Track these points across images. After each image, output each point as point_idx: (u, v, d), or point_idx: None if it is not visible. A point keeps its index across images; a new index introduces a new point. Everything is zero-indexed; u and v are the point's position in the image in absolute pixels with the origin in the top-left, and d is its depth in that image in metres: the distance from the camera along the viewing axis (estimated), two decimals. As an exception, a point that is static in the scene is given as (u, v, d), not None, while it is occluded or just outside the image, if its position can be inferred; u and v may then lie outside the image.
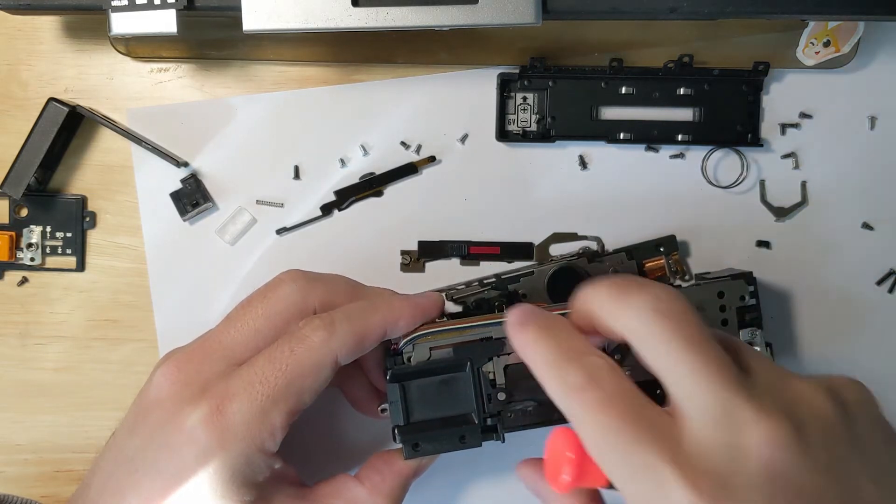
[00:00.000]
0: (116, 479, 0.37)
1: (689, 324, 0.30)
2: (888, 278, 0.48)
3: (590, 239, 0.48)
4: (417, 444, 0.38)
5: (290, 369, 0.36)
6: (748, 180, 0.48)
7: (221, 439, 0.35)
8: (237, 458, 0.35)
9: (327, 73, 0.47)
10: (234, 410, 0.35)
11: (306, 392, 0.36)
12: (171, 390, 0.37)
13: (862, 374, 0.48)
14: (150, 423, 0.37)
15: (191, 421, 0.35)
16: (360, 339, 0.37)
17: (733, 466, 0.28)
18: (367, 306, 0.39)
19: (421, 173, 0.48)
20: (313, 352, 0.36)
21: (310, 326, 0.37)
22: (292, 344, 0.37)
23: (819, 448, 0.29)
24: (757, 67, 0.47)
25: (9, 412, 0.47)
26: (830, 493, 0.28)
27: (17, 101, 0.46)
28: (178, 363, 0.38)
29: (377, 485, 0.39)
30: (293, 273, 0.40)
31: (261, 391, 0.36)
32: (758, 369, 0.31)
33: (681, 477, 0.28)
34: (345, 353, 0.37)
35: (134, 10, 0.40)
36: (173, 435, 0.36)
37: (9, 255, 0.46)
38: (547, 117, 0.47)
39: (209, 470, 0.35)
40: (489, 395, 0.39)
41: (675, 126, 0.47)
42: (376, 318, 0.38)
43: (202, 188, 0.47)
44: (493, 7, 0.40)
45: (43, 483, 0.48)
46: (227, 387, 0.36)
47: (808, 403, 0.30)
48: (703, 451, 0.28)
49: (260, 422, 0.35)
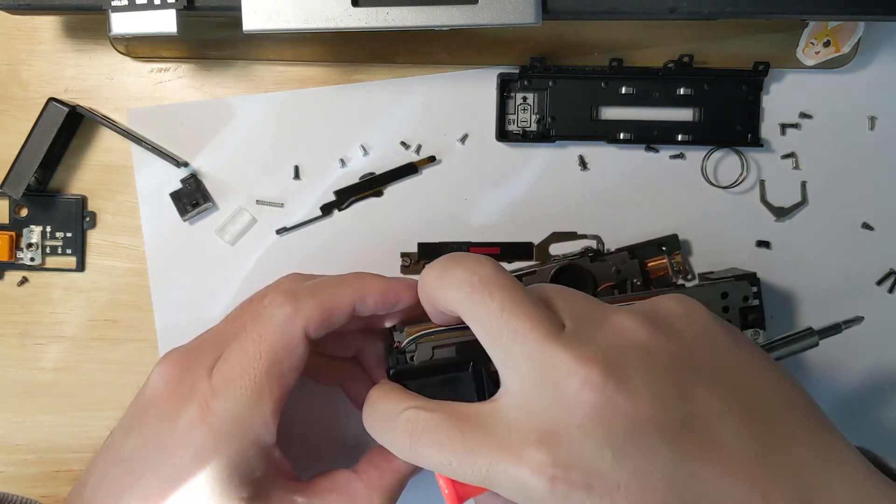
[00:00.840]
0: (114, 479, 0.37)
1: (502, 292, 0.32)
2: (888, 278, 0.48)
3: (589, 238, 0.48)
4: None
5: (265, 356, 0.36)
6: (748, 180, 0.48)
7: (215, 439, 0.35)
8: (233, 457, 0.35)
9: (327, 73, 0.47)
10: (221, 408, 0.35)
11: (286, 374, 0.36)
12: (166, 389, 0.37)
13: (862, 374, 0.49)
14: (147, 423, 0.37)
15: (184, 421, 0.35)
16: (326, 311, 0.37)
17: (562, 419, 0.29)
18: (335, 280, 0.39)
19: (421, 173, 0.48)
20: (281, 331, 0.36)
21: (273, 303, 0.37)
22: (259, 329, 0.36)
23: (639, 378, 0.30)
24: (757, 67, 0.47)
25: (8, 412, 0.47)
26: (661, 416, 0.29)
27: (17, 101, 0.46)
28: (173, 362, 0.38)
29: (374, 480, 0.38)
30: (295, 275, 0.41)
31: (242, 385, 0.35)
32: (575, 315, 0.32)
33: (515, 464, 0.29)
34: (313, 326, 0.37)
35: (134, 10, 0.40)
36: (169, 435, 0.36)
37: (9, 255, 0.46)
38: (547, 117, 0.47)
39: (206, 470, 0.35)
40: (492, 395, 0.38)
41: (675, 126, 0.47)
42: (343, 291, 0.38)
43: (202, 188, 0.47)
44: (493, 7, 0.40)
45: (43, 483, 0.48)
46: (211, 385, 0.36)
47: (625, 336, 0.31)
48: (531, 420, 0.30)
49: (250, 417, 0.35)
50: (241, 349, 0.36)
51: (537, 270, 0.45)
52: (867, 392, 0.49)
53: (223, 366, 0.36)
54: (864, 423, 0.49)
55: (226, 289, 0.47)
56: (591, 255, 0.45)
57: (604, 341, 0.31)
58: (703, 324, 0.33)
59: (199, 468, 0.35)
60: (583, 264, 0.45)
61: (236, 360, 0.36)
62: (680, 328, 0.32)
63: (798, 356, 0.48)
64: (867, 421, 0.49)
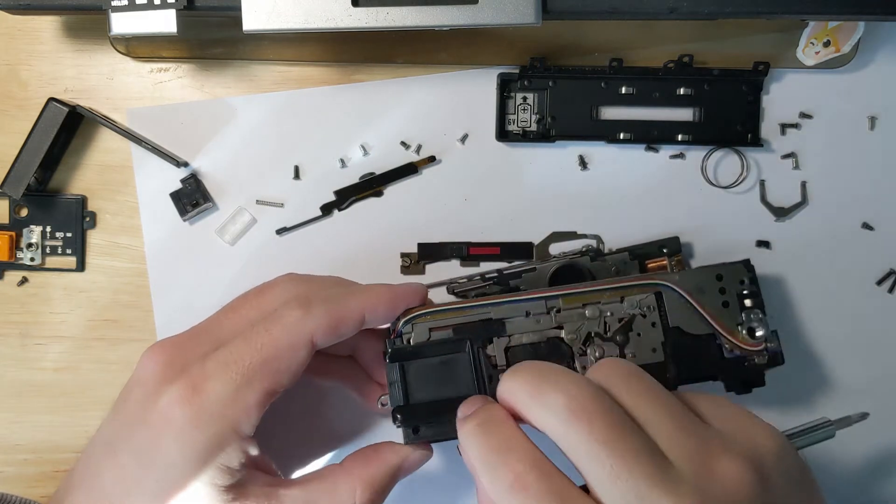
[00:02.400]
0: (96, 460, 0.37)
1: (603, 423, 0.31)
2: (888, 278, 0.48)
3: (589, 238, 0.48)
4: (418, 428, 0.38)
5: (266, 349, 0.36)
6: (748, 180, 0.48)
7: (196, 418, 0.35)
8: (211, 438, 0.35)
9: (327, 73, 0.47)
10: (209, 390, 0.35)
11: (283, 372, 0.36)
12: (153, 370, 0.37)
13: (862, 375, 0.49)
14: (130, 402, 0.37)
15: (166, 399, 0.35)
16: (336, 321, 0.37)
17: None
18: (346, 291, 0.39)
19: (421, 173, 0.48)
20: (289, 331, 0.36)
21: (286, 307, 0.37)
22: (268, 324, 0.37)
23: None
24: (757, 67, 0.47)
25: (8, 412, 0.47)
26: None
27: (17, 101, 0.46)
28: (163, 346, 0.38)
29: (358, 471, 0.38)
30: (290, 274, 0.41)
31: (235, 370, 0.36)
32: (676, 451, 0.31)
33: None
34: (321, 333, 0.37)
35: (134, 10, 0.40)
36: (150, 413, 0.36)
37: (9, 255, 0.46)
38: (547, 117, 0.47)
39: (184, 450, 0.35)
40: (490, 376, 0.38)
41: (675, 126, 0.47)
42: (354, 301, 0.38)
43: (202, 188, 0.47)
44: (493, 7, 0.40)
45: (42, 483, 0.47)
46: (203, 367, 0.36)
47: (730, 488, 0.31)
48: None
49: (234, 400, 0.35)
50: (244, 338, 0.37)
51: (537, 268, 0.45)
52: (867, 392, 0.49)
53: (222, 351, 0.36)
54: (864, 423, 0.49)
55: (226, 289, 0.47)
56: (591, 255, 0.45)
57: (702, 483, 0.30)
58: (794, 472, 0.33)
59: (176, 447, 0.35)
60: (583, 263, 0.45)
61: (236, 347, 0.36)
62: (774, 470, 0.32)
63: (797, 359, 0.48)
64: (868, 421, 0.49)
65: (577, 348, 0.40)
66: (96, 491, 0.36)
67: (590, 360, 0.39)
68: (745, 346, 0.40)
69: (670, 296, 0.40)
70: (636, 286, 0.40)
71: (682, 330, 0.40)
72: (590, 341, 0.40)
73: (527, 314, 0.40)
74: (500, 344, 0.39)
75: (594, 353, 0.39)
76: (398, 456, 0.39)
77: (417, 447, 0.39)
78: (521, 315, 0.40)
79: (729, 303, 0.41)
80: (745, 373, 0.40)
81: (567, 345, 0.40)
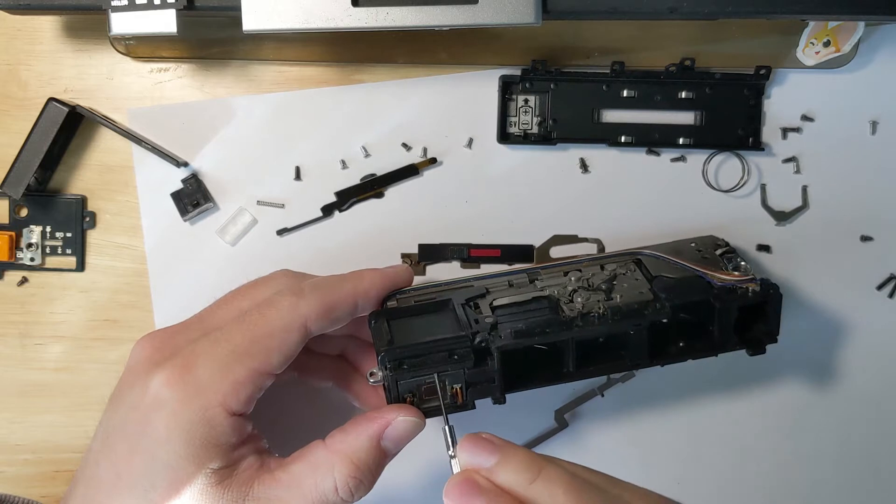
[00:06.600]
0: (94, 453, 0.37)
1: None
2: (888, 283, 0.48)
3: (590, 241, 0.48)
4: (402, 363, 0.37)
5: (257, 328, 0.36)
6: (749, 184, 0.48)
7: (183, 397, 0.35)
8: (197, 412, 0.35)
9: (327, 73, 0.47)
10: (197, 367, 0.36)
11: (273, 352, 0.36)
12: (143, 356, 0.37)
13: (862, 377, 0.48)
14: (123, 390, 0.37)
15: (156, 381, 0.36)
16: (329, 306, 0.38)
17: None
18: (338, 277, 0.40)
19: (422, 175, 0.47)
20: (281, 314, 0.37)
21: (279, 293, 0.38)
22: (262, 308, 0.37)
23: None
24: (759, 72, 0.46)
25: (8, 412, 0.47)
26: None
27: (17, 101, 0.46)
28: (154, 335, 0.39)
29: (337, 446, 0.37)
30: (284, 269, 0.41)
31: (225, 347, 0.36)
32: None
33: None
34: (314, 319, 0.37)
35: (134, 10, 0.40)
36: (140, 396, 0.36)
37: (9, 255, 0.46)
38: (548, 120, 0.47)
39: (170, 427, 0.35)
40: (476, 319, 0.38)
41: (676, 129, 0.47)
42: (346, 287, 0.39)
43: (203, 188, 0.47)
44: (493, 7, 0.40)
45: (42, 483, 0.48)
46: (194, 349, 0.36)
47: None
48: None
49: (221, 376, 0.35)
50: (236, 321, 0.37)
51: None
52: (868, 394, 0.49)
53: (213, 332, 0.37)
54: (864, 423, 0.49)
55: (226, 290, 0.47)
56: None
57: None
58: None
59: (165, 428, 0.35)
60: None
61: (228, 328, 0.37)
62: None
63: (797, 360, 0.48)
64: (868, 421, 0.49)
65: (564, 299, 0.40)
66: (94, 481, 0.36)
67: (577, 308, 0.39)
68: (733, 277, 0.40)
69: (649, 260, 0.42)
70: (614, 256, 0.42)
71: (667, 277, 0.41)
72: (576, 292, 0.40)
73: (510, 285, 0.41)
74: (487, 301, 0.40)
75: (580, 300, 0.40)
76: (375, 424, 0.37)
77: (401, 410, 0.37)
78: (505, 286, 0.41)
79: (707, 258, 0.42)
80: (743, 300, 0.40)
81: (554, 298, 0.40)
